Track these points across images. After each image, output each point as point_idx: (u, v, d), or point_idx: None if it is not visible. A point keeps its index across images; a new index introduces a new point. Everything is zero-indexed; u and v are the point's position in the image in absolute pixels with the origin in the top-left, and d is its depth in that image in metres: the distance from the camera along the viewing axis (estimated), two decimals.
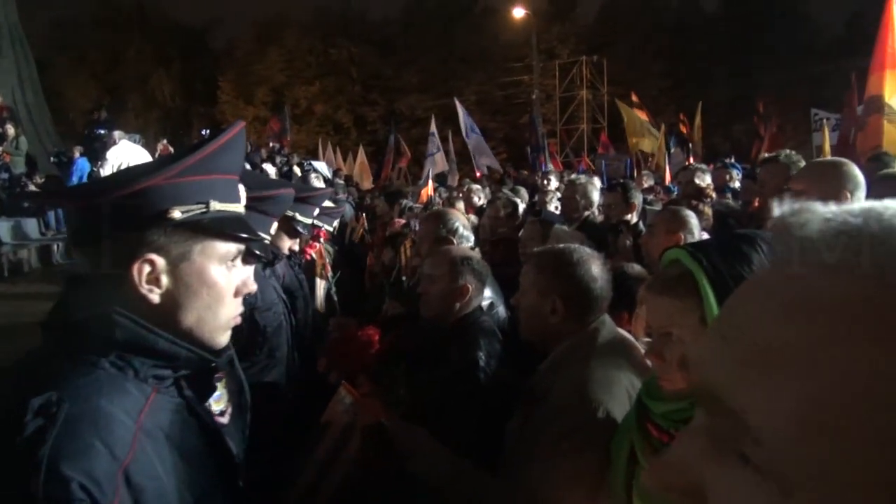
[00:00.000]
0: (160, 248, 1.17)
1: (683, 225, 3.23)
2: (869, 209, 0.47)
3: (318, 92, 40.32)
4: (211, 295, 1.24)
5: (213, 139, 1.29)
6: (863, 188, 2.86)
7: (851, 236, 0.45)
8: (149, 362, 1.17)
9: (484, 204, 7.36)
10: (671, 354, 1.41)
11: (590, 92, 38.27)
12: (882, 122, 5.54)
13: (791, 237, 0.49)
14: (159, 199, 1.17)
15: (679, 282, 1.39)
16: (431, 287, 2.75)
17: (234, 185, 1.33)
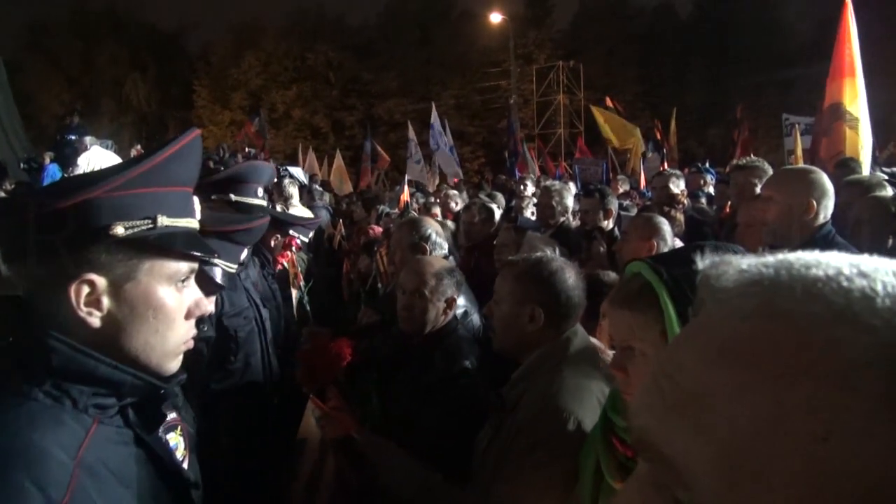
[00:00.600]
0: (101, 267, 1.07)
1: (656, 231, 3.25)
2: (782, 260, 0.50)
3: (296, 96, 40.08)
4: (158, 318, 1.14)
5: (163, 148, 1.18)
6: (831, 196, 2.89)
7: (764, 286, 0.48)
8: (88, 391, 1.07)
9: (460, 209, 7.36)
10: (633, 368, 1.40)
11: (566, 97, 38.55)
12: (844, 128, 5.66)
13: (711, 288, 0.52)
14: (100, 213, 1.07)
15: (639, 295, 1.38)
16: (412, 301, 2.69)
17: (186, 197, 1.24)
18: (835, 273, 0.46)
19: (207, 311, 1.26)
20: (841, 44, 5.45)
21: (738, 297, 0.49)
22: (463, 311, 3.00)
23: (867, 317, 0.42)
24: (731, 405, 0.44)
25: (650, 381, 0.53)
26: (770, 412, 0.43)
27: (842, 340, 0.42)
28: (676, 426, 0.48)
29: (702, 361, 0.48)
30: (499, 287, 2.18)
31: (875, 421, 0.39)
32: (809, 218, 2.81)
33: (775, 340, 0.44)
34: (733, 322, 0.48)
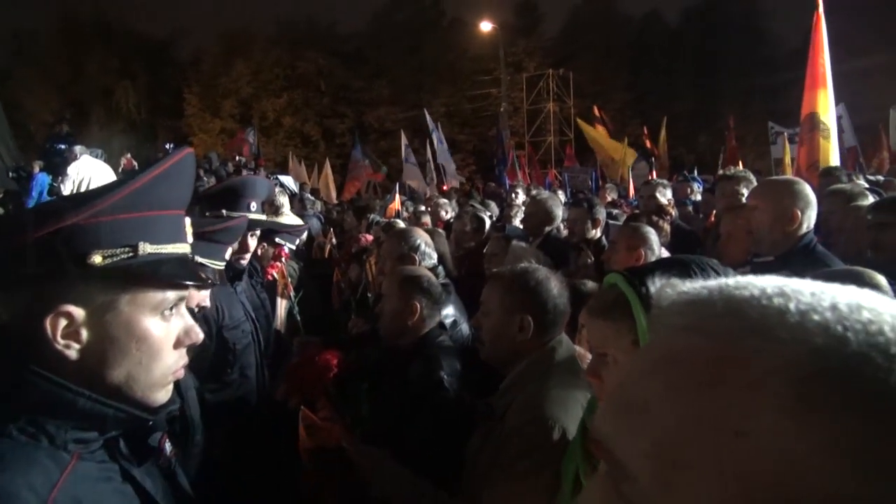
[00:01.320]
0: (78, 298, 1.02)
1: (644, 241, 3.30)
2: (720, 283, 0.56)
3: (286, 104, 40.04)
4: (142, 349, 1.08)
5: (149, 169, 1.12)
6: (814, 206, 2.96)
7: (699, 305, 0.55)
8: (67, 425, 1.02)
9: (451, 218, 7.39)
10: (607, 375, 1.45)
11: (556, 104, 38.74)
12: (819, 138, 5.78)
13: (656, 308, 0.60)
14: (77, 241, 1.02)
15: (614, 305, 1.44)
16: (385, 306, 2.78)
17: (175, 221, 1.17)
18: (758, 293, 0.52)
19: (199, 339, 1.21)
20: (814, 56, 5.59)
21: (673, 315, 0.56)
22: (452, 320, 3.04)
23: (778, 331, 0.48)
24: (663, 408, 0.51)
25: (609, 391, 0.59)
26: (695, 413, 0.49)
27: (755, 351, 0.47)
28: (622, 428, 0.54)
29: (642, 372, 0.55)
30: (487, 298, 2.22)
31: (784, 420, 0.44)
32: (793, 228, 2.86)
33: (699, 352, 0.51)
34: (667, 337, 0.55)
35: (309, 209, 9.63)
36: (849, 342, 0.46)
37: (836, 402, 0.44)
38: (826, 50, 5.50)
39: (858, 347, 0.45)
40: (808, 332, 0.47)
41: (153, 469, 1.21)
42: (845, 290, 0.52)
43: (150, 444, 1.19)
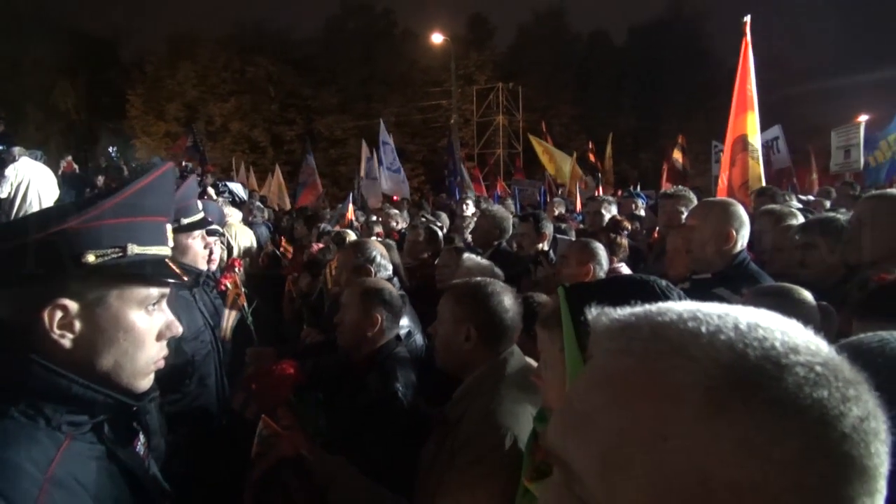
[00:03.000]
0: (73, 292, 1.15)
1: (593, 256, 3.44)
2: (646, 309, 0.66)
3: (234, 109, 39.36)
4: (128, 340, 1.21)
5: (136, 181, 1.26)
6: (747, 226, 3.14)
7: (627, 330, 0.64)
8: (62, 409, 1.14)
9: (402, 228, 7.46)
10: (545, 376, 1.61)
11: (506, 118, 39.30)
12: (748, 159, 6.07)
13: (595, 333, 0.69)
14: (73, 243, 1.15)
15: (551, 315, 1.57)
16: (344, 317, 2.83)
17: (159, 227, 1.30)
18: (676, 318, 0.62)
19: (178, 332, 1.33)
20: (742, 80, 5.90)
21: (607, 340, 0.65)
22: (407, 331, 3.10)
23: (692, 350, 0.58)
24: (603, 419, 0.60)
25: (559, 407, 0.70)
26: (627, 422, 0.58)
27: (673, 368, 0.57)
28: (571, 437, 0.64)
29: (586, 388, 0.64)
30: (441, 308, 2.33)
31: (698, 424, 0.54)
32: (729, 247, 3.04)
33: (630, 371, 0.60)
34: (605, 358, 0.64)
35: (258, 217, 9.53)
36: (748, 357, 0.56)
37: (738, 407, 0.54)
38: (753, 74, 5.81)
39: (756, 360, 0.56)
40: (716, 350, 0.57)
41: (134, 453, 1.32)
42: (748, 311, 0.63)
43: (135, 428, 1.32)
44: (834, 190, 9.97)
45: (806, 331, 0.61)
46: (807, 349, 0.58)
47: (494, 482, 1.83)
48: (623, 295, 1.47)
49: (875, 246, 2.76)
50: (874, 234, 2.77)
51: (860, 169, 11.97)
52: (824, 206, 6.98)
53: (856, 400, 0.55)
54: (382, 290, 2.83)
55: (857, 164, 11.81)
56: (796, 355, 0.56)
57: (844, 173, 12.27)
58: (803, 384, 0.54)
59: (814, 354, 0.57)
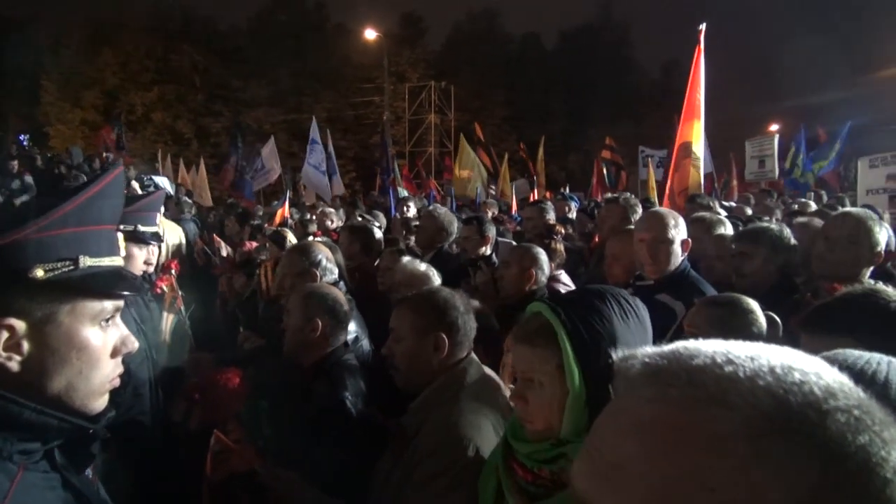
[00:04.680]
0: (20, 310, 1.05)
1: (535, 261, 3.48)
2: (673, 351, 0.65)
3: (157, 98, 37.84)
4: (82, 359, 1.12)
5: (85, 187, 1.17)
6: (685, 231, 3.26)
7: (659, 377, 0.62)
8: (12, 437, 1.05)
9: (338, 227, 7.34)
10: (533, 398, 1.55)
11: (438, 116, 39.43)
12: (690, 166, 6.28)
13: (623, 377, 0.67)
14: (18, 256, 1.05)
15: (539, 332, 1.54)
16: (288, 323, 2.76)
17: (109, 236, 1.22)
18: (710, 363, 0.61)
19: (134, 347, 1.26)
20: (692, 88, 6.05)
21: (641, 386, 0.63)
22: (353, 336, 3.05)
23: (732, 397, 0.57)
24: (640, 469, 0.58)
25: (584, 451, 0.68)
26: (669, 473, 0.56)
27: (713, 417, 0.57)
28: (604, 486, 0.62)
29: (617, 436, 0.62)
30: (397, 324, 2.24)
31: (744, 474, 0.54)
32: (678, 254, 3.14)
33: (668, 420, 0.59)
34: (639, 405, 0.62)
35: (186, 212, 9.18)
36: (790, 403, 0.56)
37: (783, 456, 0.53)
38: (702, 84, 5.97)
39: (798, 407, 0.56)
40: (756, 398, 0.57)
41: (87, 479, 1.24)
42: (775, 352, 0.63)
43: (91, 452, 1.23)
44: (752, 197, 10.49)
45: (832, 370, 0.61)
46: (842, 392, 0.58)
47: (458, 494, 1.81)
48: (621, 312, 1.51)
49: (845, 261, 2.90)
50: (846, 250, 2.92)
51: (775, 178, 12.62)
52: (745, 213, 7.31)
53: (893, 443, 0.56)
54: (326, 296, 2.77)
55: (773, 174, 12.48)
56: (835, 400, 0.56)
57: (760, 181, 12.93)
58: (846, 431, 0.54)
59: (849, 397, 0.57)
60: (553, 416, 1.50)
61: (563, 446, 1.47)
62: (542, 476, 1.50)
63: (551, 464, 1.49)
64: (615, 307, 1.52)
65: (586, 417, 1.46)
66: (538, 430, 1.54)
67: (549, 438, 1.51)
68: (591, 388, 1.45)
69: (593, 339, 1.47)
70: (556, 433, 1.50)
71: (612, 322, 1.49)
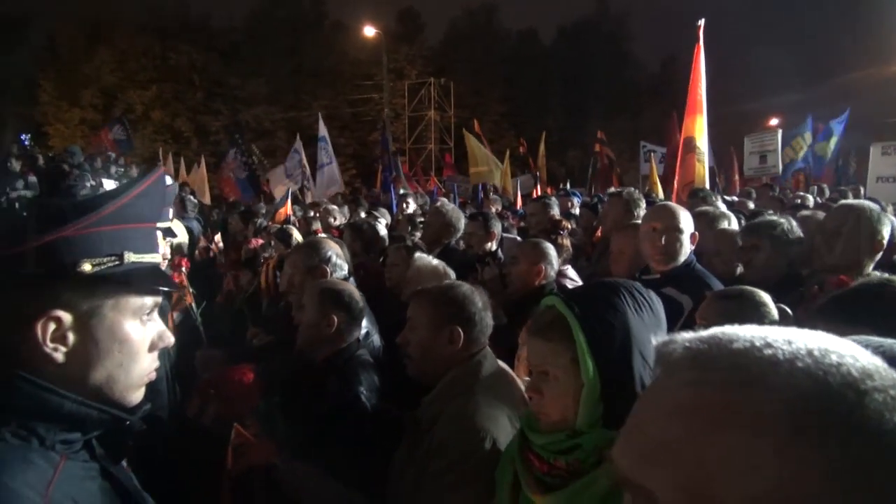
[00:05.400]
0: (67, 303, 1.08)
1: (544, 256, 3.49)
2: (713, 336, 0.68)
3: (155, 97, 37.79)
4: (123, 352, 1.15)
5: (131, 186, 1.21)
6: (692, 225, 3.28)
7: (702, 359, 0.65)
8: (55, 427, 1.08)
9: (341, 224, 7.35)
10: (548, 390, 1.58)
11: (437, 113, 39.37)
12: (694, 160, 6.30)
13: (664, 361, 0.70)
14: (68, 251, 1.08)
15: (552, 326, 1.57)
16: (302, 318, 2.79)
17: (151, 233, 1.25)
18: (749, 346, 0.64)
19: (171, 342, 1.28)
20: (693, 84, 6.06)
21: (683, 370, 0.66)
22: (365, 331, 3.07)
23: (772, 379, 0.60)
24: (687, 449, 0.61)
25: (625, 432, 0.71)
26: (712, 453, 0.59)
27: (755, 399, 0.59)
28: (650, 466, 0.65)
29: (661, 418, 0.65)
30: (414, 314, 2.29)
31: (785, 454, 0.56)
32: (687, 247, 3.17)
33: (710, 401, 0.61)
34: (681, 388, 0.65)
35: (190, 211, 9.20)
36: (829, 384, 0.59)
37: (824, 435, 0.56)
38: (703, 79, 5.98)
39: (837, 388, 0.58)
40: (795, 379, 0.59)
41: (125, 470, 1.27)
42: (809, 335, 0.65)
43: (128, 443, 1.25)
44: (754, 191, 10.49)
45: (866, 352, 0.64)
46: (878, 374, 0.60)
47: (474, 485, 1.84)
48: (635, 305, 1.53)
49: (847, 253, 2.92)
50: (849, 242, 2.94)
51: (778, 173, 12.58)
52: (748, 207, 7.33)
53: None
54: (342, 292, 2.79)
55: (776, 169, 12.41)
56: (872, 381, 0.59)
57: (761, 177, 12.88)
58: (883, 410, 0.57)
59: (884, 378, 0.60)
60: (568, 408, 1.53)
61: (578, 437, 1.50)
62: (557, 467, 1.53)
63: (567, 454, 1.52)
64: (629, 300, 1.55)
65: (601, 409, 1.49)
66: (553, 422, 1.57)
67: (565, 430, 1.54)
68: (605, 380, 1.48)
69: (607, 332, 1.50)
70: (572, 424, 1.52)
71: (626, 315, 1.52)
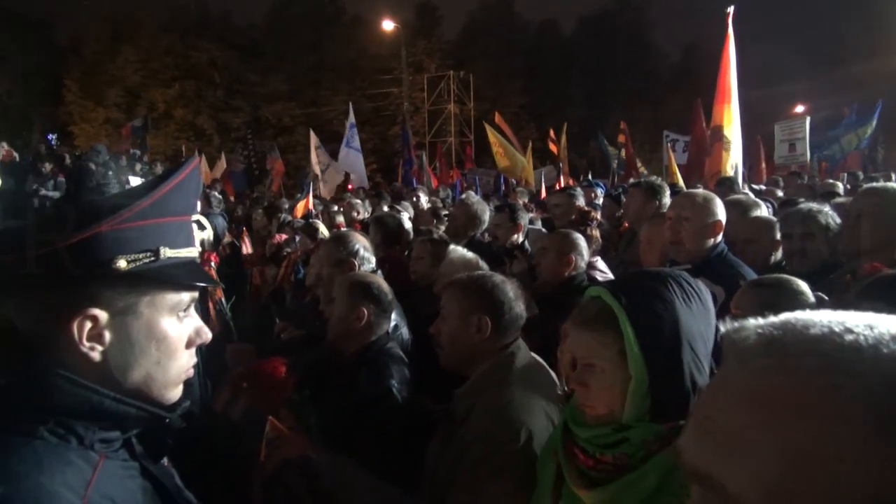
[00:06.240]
0: (103, 301, 1.06)
1: (574, 247, 3.46)
2: (785, 322, 0.64)
3: (177, 95, 38.14)
4: (161, 350, 1.13)
5: (166, 179, 1.17)
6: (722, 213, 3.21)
7: (775, 346, 0.62)
8: (94, 426, 1.06)
9: (365, 218, 7.35)
10: (594, 383, 1.53)
11: (457, 106, 39.25)
12: (722, 150, 6.19)
13: (735, 348, 0.66)
14: (103, 247, 1.05)
15: (598, 317, 1.52)
16: (332, 311, 2.77)
17: (186, 227, 1.22)
18: (828, 332, 0.60)
19: (208, 338, 1.26)
20: (723, 72, 5.94)
21: (757, 357, 0.63)
22: (394, 324, 3.05)
23: (856, 365, 0.56)
24: (764, 440, 0.58)
25: (693, 424, 0.67)
26: (794, 444, 0.56)
27: (836, 385, 0.56)
28: (724, 458, 0.61)
29: (735, 408, 0.62)
30: (445, 304, 2.29)
31: (869, 444, 0.53)
32: (717, 238, 3.10)
33: (788, 390, 0.58)
34: (756, 376, 0.62)
35: (215, 207, 9.27)
36: None
37: None
38: (733, 68, 5.86)
39: None
40: (881, 365, 0.56)
41: (165, 468, 1.25)
42: (889, 320, 0.62)
43: (167, 441, 1.23)
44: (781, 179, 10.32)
45: None
46: None
47: (510, 477, 1.82)
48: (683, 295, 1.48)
49: (872, 238, 2.85)
50: (873, 226, 2.86)
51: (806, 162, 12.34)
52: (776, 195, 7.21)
53: None
54: (371, 285, 2.78)
55: (804, 158, 12.18)
56: None
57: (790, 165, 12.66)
58: None
59: None
60: (615, 401, 1.48)
61: (624, 431, 1.46)
62: (603, 461, 1.49)
63: (613, 448, 1.47)
64: (677, 290, 1.49)
65: (648, 402, 1.45)
66: (599, 416, 1.52)
67: (611, 423, 1.49)
68: (653, 372, 1.44)
69: (655, 323, 1.45)
70: (618, 418, 1.48)
71: (675, 305, 1.47)
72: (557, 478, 1.64)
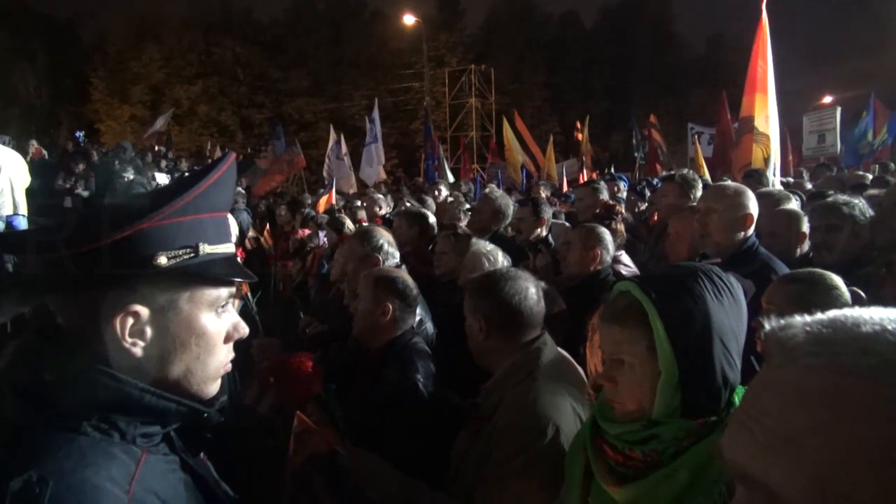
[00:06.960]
0: (144, 297, 1.07)
1: (599, 241, 3.43)
2: (834, 319, 0.62)
3: (201, 92, 38.54)
4: (200, 345, 1.14)
5: (205, 175, 1.18)
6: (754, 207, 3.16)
7: (827, 345, 0.60)
8: (136, 421, 1.07)
9: (387, 213, 7.35)
10: (623, 379, 1.51)
11: (478, 100, 39.13)
12: (752, 141, 6.05)
13: (782, 346, 0.64)
14: (144, 244, 1.06)
15: (627, 312, 1.49)
16: (358, 306, 2.78)
17: (224, 223, 1.22)
18: (881, 329, 0.58)
19: (245, 333, 1.26)
20: (754, 61, 5.79)
21: (807, 356, 0.61)
22: (418, 319, 3.06)
23: None
24: (814, 441, 0.56)
25: (737, 423, 0.65)
26: (846, 445, 0.54)
27: (891, 385, 0.54)
28: (771, 459, 0.59)
29: (784, 408, 0.60)
30: (465, 302, 2.34)
31: None
32: (747, 231, 3.05)
33: (841, 390, 0.56)
34: (807, 376, 0.60)
35: (239, 202, 9.35)
36: None
37: None
38: (769, 56, 5.71)
39: None
40: None
41: (204, 461, 1.27)
42: None
43: (206, 435, 1.26)
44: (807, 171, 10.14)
45: None
46: None
47: (538, 472, 1.81)
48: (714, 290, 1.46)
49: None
50: None
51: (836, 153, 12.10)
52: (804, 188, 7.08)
53: None
54: (396, 280, 2.78)
55: (834, 149, 11.94)
56: None
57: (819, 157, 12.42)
58: None
59: None
60: (644, 397, 1.46)
61: (654, 427, 1.44)
62: (633, 457, 1.47)
63: (643, 445, 1.45)
64: (707, 285, 1.46)
65: (678, 398, 1.43)
66: (628, 412, 1.50)
67: (640, 419, 1.47)
68: (683, 368, 1.41)
69: (686, 318, 1.42)
70: (648, 414, 1.46)
71: (705, 300, 1.43)
72: (586, 473, 1.62)
